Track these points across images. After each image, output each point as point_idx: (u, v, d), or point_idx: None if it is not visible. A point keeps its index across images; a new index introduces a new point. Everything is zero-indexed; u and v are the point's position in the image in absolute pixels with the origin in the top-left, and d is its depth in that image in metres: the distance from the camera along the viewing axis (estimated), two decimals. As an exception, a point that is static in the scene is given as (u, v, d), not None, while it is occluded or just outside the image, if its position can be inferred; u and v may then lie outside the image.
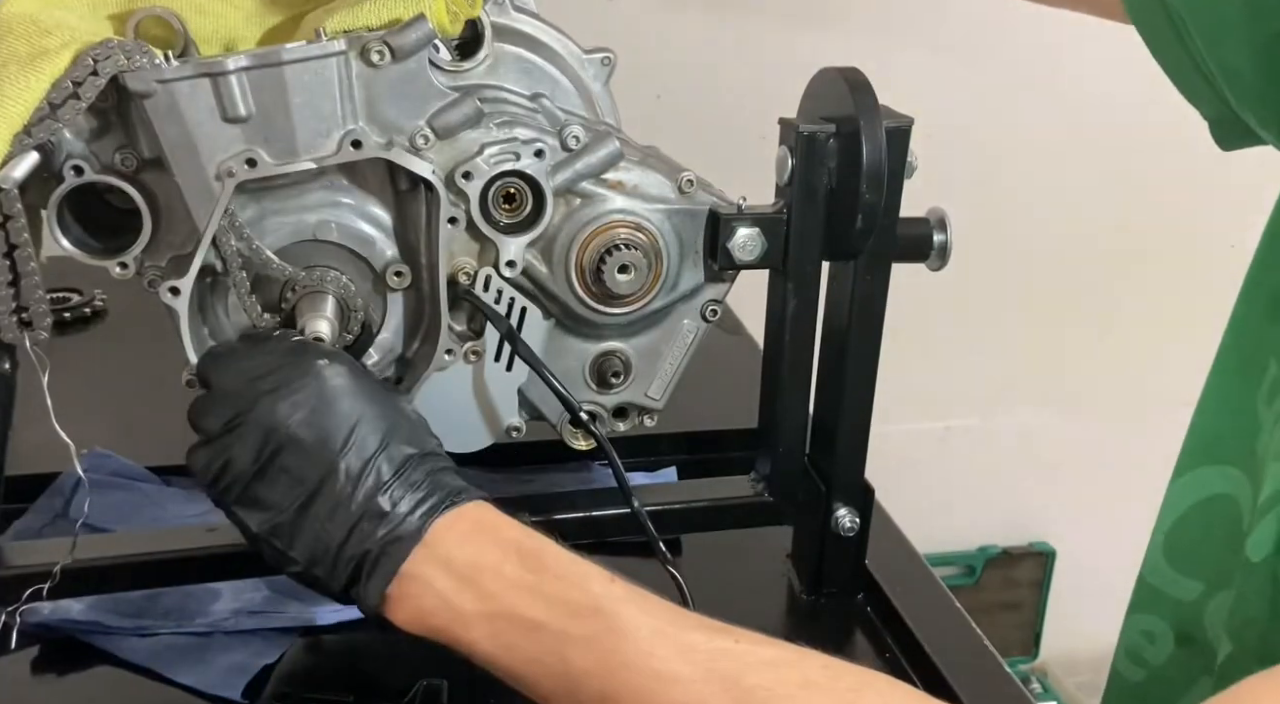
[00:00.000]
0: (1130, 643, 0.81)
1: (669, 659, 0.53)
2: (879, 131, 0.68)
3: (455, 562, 0.57)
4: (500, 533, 0.59)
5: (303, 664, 0.76)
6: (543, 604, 0.55)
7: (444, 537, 0.58)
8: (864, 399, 0.77)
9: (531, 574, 0.56)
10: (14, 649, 0.74)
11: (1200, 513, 0.75)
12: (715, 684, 0.52)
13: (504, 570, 0.57)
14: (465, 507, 0.60)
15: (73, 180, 0.64)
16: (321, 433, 0.59)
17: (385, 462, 0.59)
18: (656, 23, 1.60)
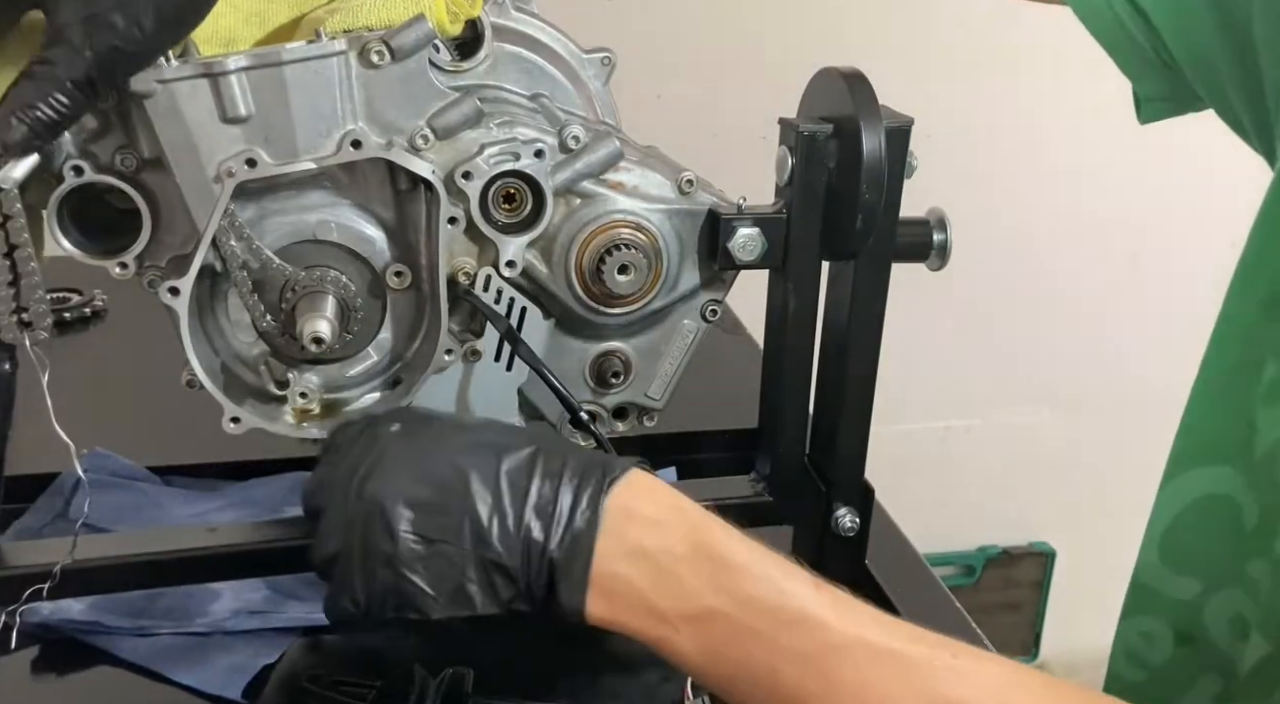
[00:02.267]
0: (1128, 645, 0.81)
1: (887, 681, 0.50)
2: (879, 131, 0.68)
3: (648, 548, 0.53)
4: (686, 515, 0.55)
5: (303, 664, 0.75)
6: (749, 609, 0.52)
7: (627, 522, 0.54)
8: (864, 399, 0.77)
9: (731, 571, 0.53)
10: (14, 649, 0.75)
11: (1196, 513, 0.75)
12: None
13: (699, 565, 0.53)
14: (632, 480, 0.55)
15: (73, 180, 0.64)
16: (429, 479, 0.55)
17: (512, 467, 0.55)
18: (656, 23, 1.60)
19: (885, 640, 0.51)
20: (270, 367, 0.73)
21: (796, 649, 0.51)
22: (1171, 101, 0.77)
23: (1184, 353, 1.45)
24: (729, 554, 0.53)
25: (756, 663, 0.52)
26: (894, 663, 0.50)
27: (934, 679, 0.50)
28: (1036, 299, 1.90)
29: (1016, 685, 0.50)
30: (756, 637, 0.51)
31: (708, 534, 0.54)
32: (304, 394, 0.71)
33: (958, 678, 0.50)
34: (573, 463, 0.56)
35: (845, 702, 0.50)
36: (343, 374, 0.73)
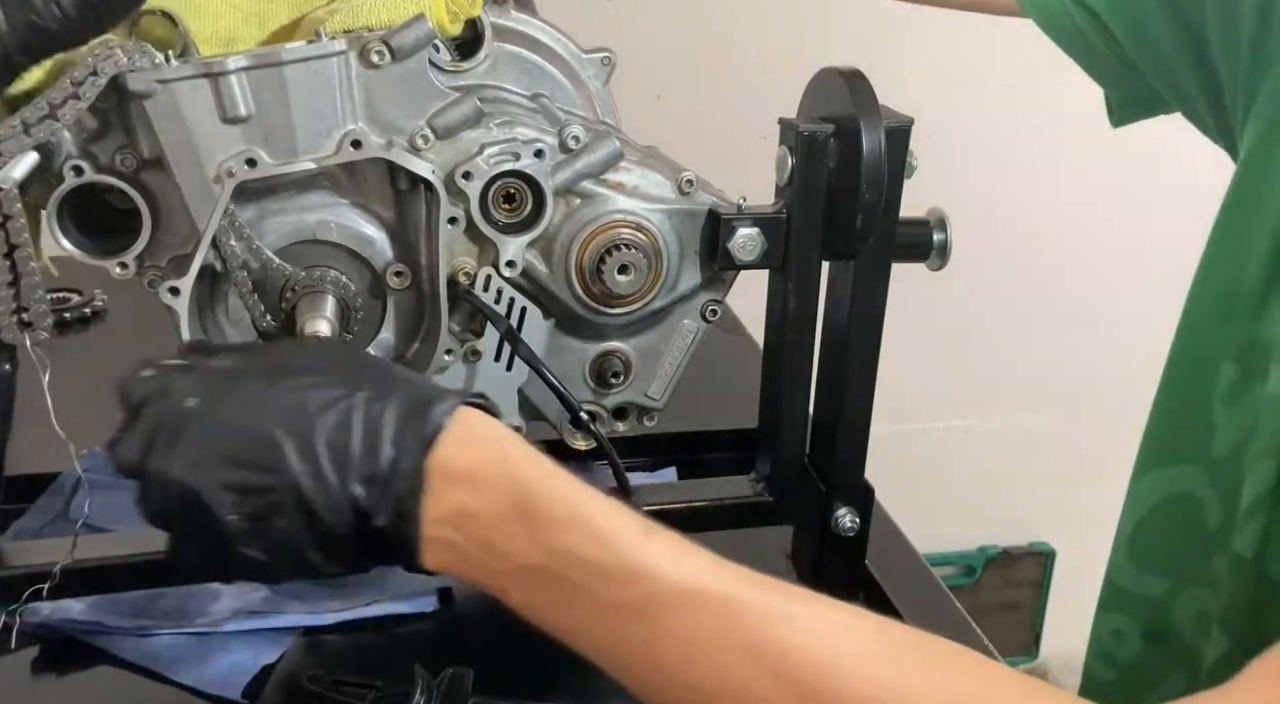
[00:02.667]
0: (1100, 643, 0.82)
1: (715, 630, 0.49)
2: (879, 131, 0.68)
3: (471, 512, 0.52)
4: (509, 468, 0.53)
5: (303, 664, 0.75)
6: (573, 564, 0.51)
7: (449, 486, 0.52)
8: (864, 399, 0.77)
9: (555, 525, 0.51)
10: (14, 649, 0.75)
11: (1164, 512, 0.75)
12: (767, 659, 0.48)
13: (525, 522, 0.52)
14: (452, 434, 0.53)
15: (73, 180, 0.64)
16: (245, 461, 0.53)
17: (329, 430, 0.53)
18: (656, 23, 1.60)
19: (715, 587, 0.50)
20: (270, 367, 0.73)
21: (621, 602, 0.50)
22: (1139, 104, 0.78)
23: (1184, 353, 1.44)
24: (552, 509, 0.52)
25: (583, 616, 0.51)
26: (723, 610, 0.49)
27: (764, 625, 0.49)
28: (1036, 299, 1.90)
29: (847, 628, 0.49)
30: (581, 591, 0.51)
31: (530, 488, 0.52)
32: (304, 394, 0.70)
33: (789, 623, 0.49)
34: (391, 414, 0.53)
35: (671, 651, 0.49)
36: (343, 374, 0.73)
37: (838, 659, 0.48)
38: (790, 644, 0.48)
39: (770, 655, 0.48)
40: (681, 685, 0.50)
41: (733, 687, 0.48)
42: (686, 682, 0.50)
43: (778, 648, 0.48)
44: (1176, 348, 0.74)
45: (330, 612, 0.79)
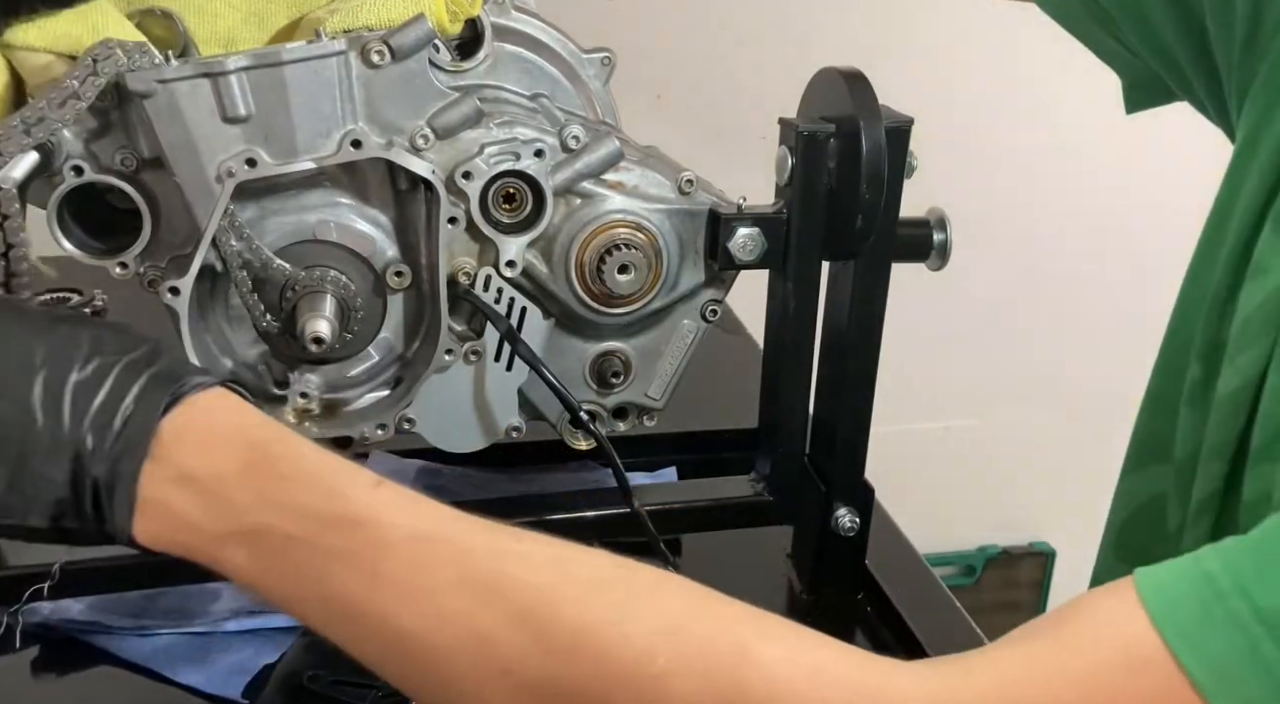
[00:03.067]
0: None
1: (439, 569, 0.47)
2: (879, 131, 0.68)
3: (195, 473, 0.50)
4: (245, 433, 0.51)
5: (303, 664, 0.75)
6: (297, 517, 0.49)
7: (176, 446, 0.50)
8: (864, 399, 0.77)
9: (283, 482, 0.50)
10: (14, 649, 0.75)
11: (1141, 513, 0.75)
12: (493, 592, 0.47)
13: (251, 480, 0.50)
14: (196, 401, 0.51)
15: (73, 180, 0.64)
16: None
17: (78, 379, 0.50)
18: (656, 23, 1.60)
19: (440, 529, 0.49)
20: (270, 367, 0.73)
21: (342, 549, 0.48)
22: (1149, 89, 0.77)
23: (1184, 353, 1.44)
24: (282, 468, 0.50)
25: (305, 570, 0.49)
26: (447, 549, 0.48)
27: (488, 561, 0.48)
28: (1037, 299, 1.90)
29: (576, 561, 0.49)
30: (303, 544, 0.49)
31: (262, 450, 0.51)
32: (304, 394, 0.71)
33: (514, 559, 0.48)
34: (145, 376, 0.51)
35: (390, 595, 0.48)
36: (343, 374, 0.73)
37: (562, 586, 0.47)
38: (514, 574, 0.47)
39: (494, 588, 0.47)
40: (399, 634, 0.48)
41: (453, 624, 0.47)
42: (404, 628, 0.48)
43: (501, 580, 0.47)
44: (1162, 347, 0.74)
45: (330, 612, 0.79)
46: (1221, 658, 0.40)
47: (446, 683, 0.48)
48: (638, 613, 0.46)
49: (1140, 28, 0.70)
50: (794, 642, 0.46)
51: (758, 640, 0.45)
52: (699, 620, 0.46)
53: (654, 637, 0.45)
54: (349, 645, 0.50)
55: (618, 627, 0.46)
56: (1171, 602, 0.43)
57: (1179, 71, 0.71)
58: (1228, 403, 0.61)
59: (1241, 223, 0.63)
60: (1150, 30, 0.69)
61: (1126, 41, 0.72)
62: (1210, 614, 0.41)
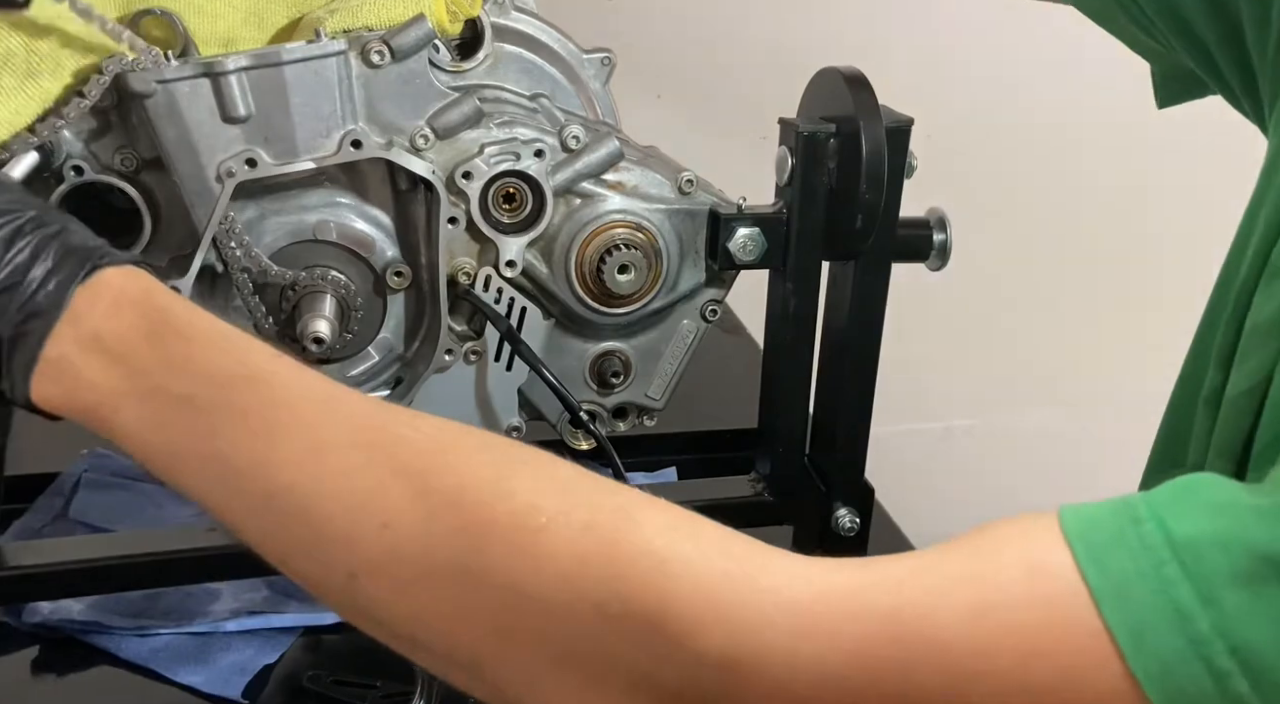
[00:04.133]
0: None
1: (333, 428, 0.48)
2: (879, 131, 0.68)
3: (103, 337, 0.51)
4: (152, 300, 0.52)
5: (303, 664, 0.76)
6: (193, 378, 0.49)
7: (89, 310, 0.51)
8: (864, 399, 0.77)
9: (186, 345, 0.50)
10: (14, 649, 0.75)
11: None
12: (383, 451, 0.47)
13: (155, 344, 0.50)
14: (109, 273, 0.52)
15: (73, 180, 0.64)
16: None
17: (7, 230, 0.51)
18: (656, 23, 1.60)
19: (335, 394, 0.50)
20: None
21: (237, 405, 0.49)
22: (1182, 82, 0.76)
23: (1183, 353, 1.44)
24: (185, 331, 0.51)
25: (195, 428, 0.49)
26: (346, 413, 0.49)
27: (386, 428, 0.48)
28: (1037, 299, 1.90)
29: (469, 431, 0.49)
30: (198, 403, 0.49)
31: (169, 315, 0.51)
32: (304, 394, 0.70)
33: (405, 423, 0.49)
34: (66, 243, 0.52)
35: (279, 449, 0.48)
36: (343, 374, 0.73)
37: (450, 449, 0.48)
38: (406, 437, 0.48)
39: (385, 448, 0.47)
40: (282, 489, 0.48)
41: (339, 479, 0.47)
42: (288, 483, 0.48)
43: (393, 442, 0.48)
44: (1188, 353, 0.74)
45: (330, 612, 0.79)
46: (1123, 573, 0.40)
47: (320, 538, 0.48)
48: (523, 472, 0.47)
49: (1174, 22, 0.69)
50: (679, 512, 0.46)
51: (645, 505, 0.46)
52: (584, 483, 0.47)
53: (537, 495, 0.45)
54: (219, 505, 0.49)
55: (501, 483, 0.46)
56: (1087, 521, 0.43)
57: (1213, 66, 0.70)
58: (1235, 405, 0.61)
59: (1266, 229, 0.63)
60: (1184, 25, 0.69)
61: (1159, 36, 0.72)
62: (1123, 535, 0.41)
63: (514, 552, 0.44)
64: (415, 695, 0.69)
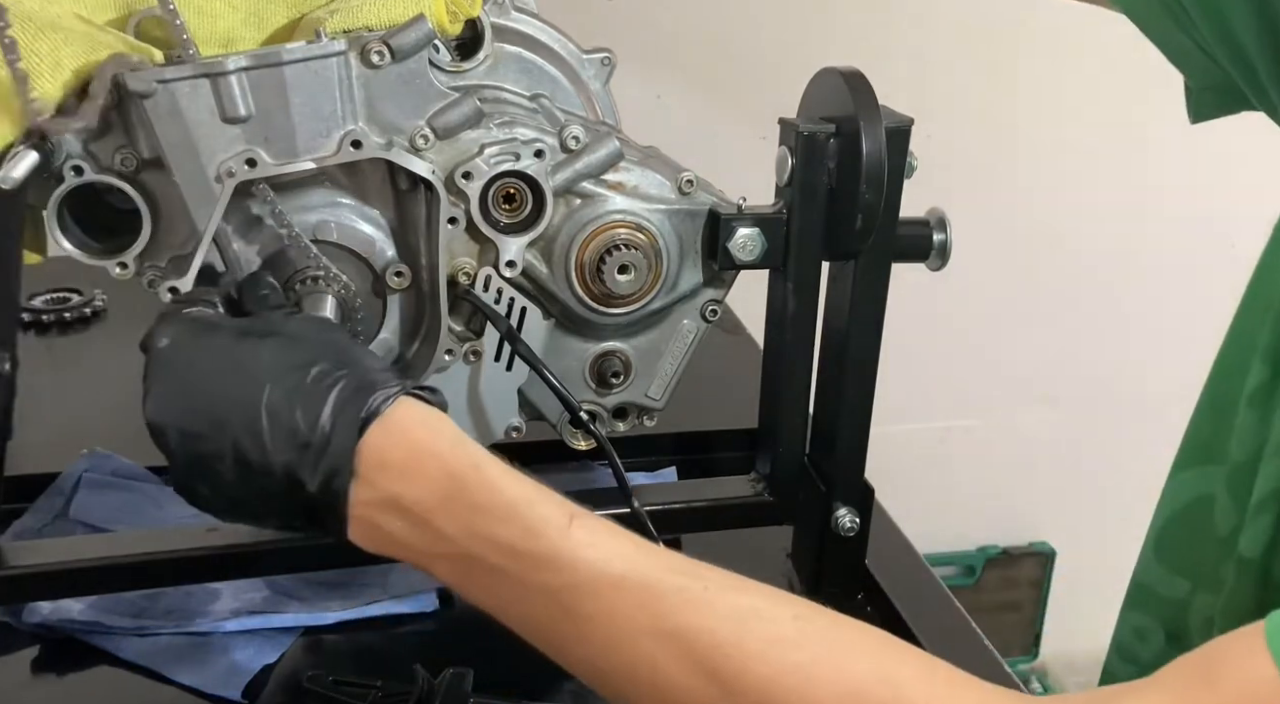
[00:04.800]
0: (1122, 641, 0.81)
1: (630, 616, 0.50)
2: (879, 131, 0.68)
3: (400, 501, 0.54)
4: (442, 460, 0.55)
5: (303, 664, 0.75)
6: (498, 552, 0.53)
7: (380, 472, 0.54)
8: (864, 399, 0.77)
9: (483, 516, 0.53)
10: (14, 649, 0.75)
11: (1191, 512, 0.75)
12: (680, 644, 0.49)
13: (453, 511, 0.54)
14: (390, 418, 0.55)
15: (73, 180, 0.64)
16: (192, 411, 0.56)
17: (276, 401, 0.55)
18: (656, 23, 1.60)
19: (632, 574, 0.51)
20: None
21: (542, 586, 0.52)
22: (1220, 94, 0.75)
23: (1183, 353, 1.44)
24: (480, 499, 0.54)
25: (509, 599, 0.54)
26: (638, 596, 0.51)
27: (676, 611, 0.50)
28: (1037, 299, 1.90)
29: (759, 614, 0.50)
30: (506, 576, 0.53)
31: (459, 478, 0.54)
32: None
33: (702, 608, 0.50)
34: (336, 391, 0.56)
35: (590, 635, 0.51)
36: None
37: (745, 644, 0.49)
38: (700, 628, 0.50)
39: (681, 640, 0.50)
40: (600, 668, 0.52)
41: (645, 670, 0.50)
42: (604, 665, 0.52)
43: (688, 632, 0.50)
44: (1222, 349, 0.74)
45: (330, 612, 0.79)
46: None
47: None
48: (820, 677, 0.48)
49: (1219, 29, 0.69)
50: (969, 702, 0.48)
51: (934, 693, 0.47)
52: (878, 685, 0.48)
53: (835, 700, 0.47)
54: (555, 658, 0.54)
55: (801, 693, 0.48)
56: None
57: (1254, 76, 0.69)
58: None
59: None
60: (1228, 32, 0.68)
61: (1202, 42, 0.71)
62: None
63: None
64: (415, 695, 0.69)
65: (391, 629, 0.79)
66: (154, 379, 0.58)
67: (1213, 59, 0.72)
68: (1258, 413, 0.66)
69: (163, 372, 0.58)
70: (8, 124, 0.60)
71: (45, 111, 0.60)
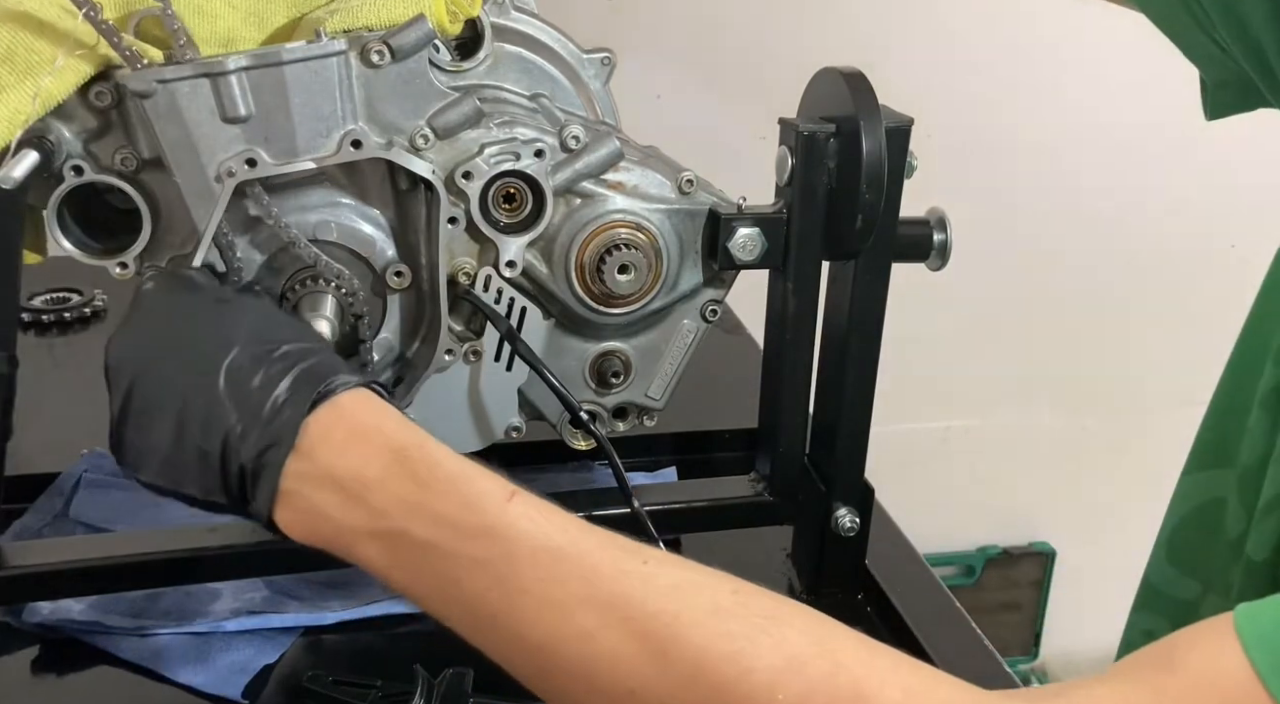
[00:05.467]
0: (1131, 642, 0.81)
1: (568, 585, 0.50)
2: (879, 131, 0.68)
3: (337, 473, 0.53)
4: (386, 437, 0.54)
5: (303, 664, 0.75)
6: (434, 524, 0.52)
7: (321, 445, 0.54)
8: (864, 399, 0.77)
9: (421, 489, 0.52)
10: (14, 649, 0.75)
11: (1203, 515, 0.75)
12: (617, 612, 0.49)
13: (390, 484, 0.53)
14: (341, 401, 0.55)
15: (73, 180, 0.64)
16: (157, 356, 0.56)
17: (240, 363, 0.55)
18: (656, 23, 1.60)
19: (570, 547, 0.51)
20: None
21: (477, 558, 0.51)
22: (1236, 90, 0.75)
23: (1184, 353, 1.45)
24: (420, 473, 0.53)
25: (440, 573, 0.52)
26: (575, 567, 0.50)
27: (614, 581, 0.49)
28: (1037, 299, 1.90)
29: (698, 586, 0.50)
30: (438, 550, 0.51)
31: (401, 455, 0.53)
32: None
33: (639, 580, 0.49)
34: (297, 370, 0.55)
35: (523, 609, 0.50)
36: (343, 374, 0.73)
37: (682, 613, 0.48)
38: (637, 598, 0.49)
39: (617, 608, 0.49)
40: (533, 645, 0.50)
41: (576, 641, 0.49)
42: (538, 640, 0.50)
43: (625, 602, 0.49)
44: (1236, 348, 0.74)
45: (330, 612, 0.79)
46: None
47: (565, 694, 0.50)
48: (757, 646, 0.47)
49: (1236, 27, 0.69)
50: (911, 682, 0.47)
51: (877, 685, 0.46)
52: (817, 658, 0.47)
53: (772, 673, 0.46)
54: (481, 647, 0.52)
55: (737, 660, 0.47)
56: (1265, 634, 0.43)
57: (1270, 73, 0.69)
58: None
59: None
60: (1246, 30, 0.68)
61: (1220, 40, 0.71)
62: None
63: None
64: (415, 695, 0.69)
65: (391, 629, 0.79)
66: (128, 319, 0.58)
67: (1230, 56, 0.72)
68: (1270, 415, 0.66)
69: (138, 314, 0.58)
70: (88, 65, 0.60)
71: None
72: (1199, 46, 0.74)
